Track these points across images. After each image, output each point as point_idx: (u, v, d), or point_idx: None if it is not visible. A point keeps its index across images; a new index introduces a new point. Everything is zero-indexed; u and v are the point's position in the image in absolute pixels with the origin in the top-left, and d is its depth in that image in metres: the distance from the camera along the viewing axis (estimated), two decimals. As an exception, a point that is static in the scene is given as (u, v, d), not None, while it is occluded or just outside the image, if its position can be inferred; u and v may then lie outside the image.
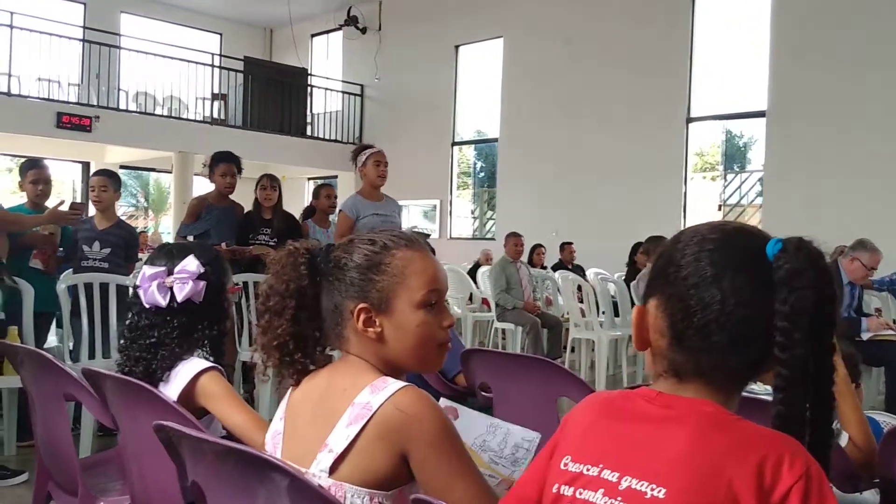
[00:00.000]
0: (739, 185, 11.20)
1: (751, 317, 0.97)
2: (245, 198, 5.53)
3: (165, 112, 12.65)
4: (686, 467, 0.92)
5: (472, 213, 14.12)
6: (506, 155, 12.67)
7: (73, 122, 11.02)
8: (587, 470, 1.01)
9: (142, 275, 1.93)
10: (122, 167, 12.80)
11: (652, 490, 0.93)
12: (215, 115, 13.41)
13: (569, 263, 9.57)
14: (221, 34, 15.55)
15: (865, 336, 4.91)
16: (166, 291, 1.89)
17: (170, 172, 13.15)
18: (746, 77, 10.36)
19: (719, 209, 10.88)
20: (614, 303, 7.34)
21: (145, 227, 19.41)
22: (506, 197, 12.64)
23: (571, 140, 11.44)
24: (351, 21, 14.29)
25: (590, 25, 11.33)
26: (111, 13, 13.84)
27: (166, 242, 3.36)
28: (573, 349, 7.22)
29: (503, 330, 7.47)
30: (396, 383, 1.24)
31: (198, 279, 1.91)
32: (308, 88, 14.71)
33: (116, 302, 4.11)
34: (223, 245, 4.80)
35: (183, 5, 14.58)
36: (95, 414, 1.96)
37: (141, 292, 1.92)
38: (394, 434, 1.20)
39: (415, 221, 13.42)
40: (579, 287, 7.19)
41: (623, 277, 7.81)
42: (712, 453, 0.92)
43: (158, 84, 12.39)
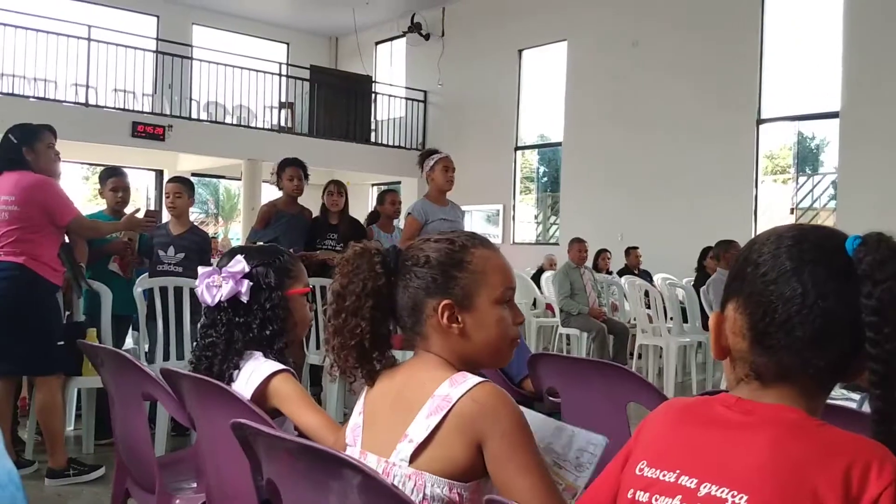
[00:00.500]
0: (812, 189, 10.87)
1: (833, 311, 0.94)
2: (312, 204, 5.63)
3: (235, 121, 12.94)
4: (769, 474, 0.90)
5: (536, 218, 14.04)
6: (569, 159, 12.57)
7: (148, 132, 11.36)
8: (663, 476, 0.99)
9: (199, 275, 1.98)
10: (194, 175, 13.13)
11: (733, 497, 0.91)
12: (283, 123, 13.67)
13: (635, 268, 9.43)
14: (288, 44, 15.84)
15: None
16: (213, 290, 1.93)
17: (239, 180, 13.45)
18: (819, 76, 10.06)
19: (791, 213, 10.57)
20: (682, 309, 7.21)
21: (215, 234, 19.87)
22: (569, 201, 12.53)
23: (637, 143, 11.28)
24: (414, 28, 14.40)
25: (655, 27, 11.16)
26: (183, 25, 14.25)
27: (238, 245, 3.43)
28: (640, 356, 7.11)
29: (568, 335, 7.41)
30: (475, 378, 1.28)
31: (242, 278, 1.93)
32: (372, 95, 14.87)
33: (190, 305, 4.22)
34: (291, 251, 4.87)
35: (251, 16, 14.90)
36: (173, 413, 2.01)
37: (198, 292, 1.97)
38: (470, 425, 1.23)
39: (478, 226, 13.41)
40: (646, 292, 7.08)
41: (692, 283, 7.67)
42: (796, 460, 0.90)
43: (228, 93, 12.70)
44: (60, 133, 3.95)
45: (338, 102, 14.04)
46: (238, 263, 1.95)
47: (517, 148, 13.64)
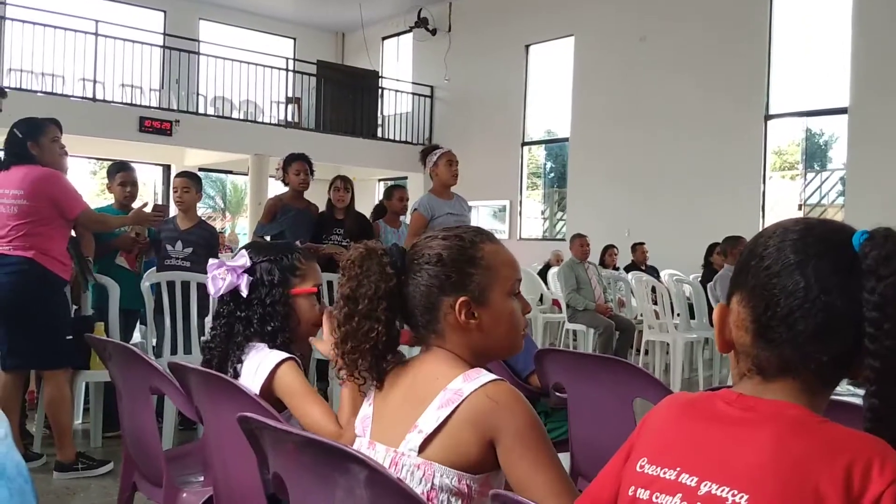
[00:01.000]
0: (820, 185, 10.82)
1: (835, 305, 0.93)
2: (318, 199, 5.63)
3: (241, 116, 12.95)
4: (769, 472, 0.89)
5: (543, 214, 14.03)
6: (576, 155, 12.55)
7: (155, 127, 11.37)
8: (664, 473, 0.98)
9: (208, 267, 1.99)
10: (201, 169, 13.15)
11: (733, 496, 0.90)
12: (289, 119, 13.68)
13: (641, 264, 9.42)
14: (295, 39, 15.85)
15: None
16: (217, 282, 1.94)
17: (246, 175, 13.47)
18: (827, 72, 10.01)
19: (799, 209, 10.53)
20: (689, 305, 7.20)
21: (222, 228, 19.93)
22: (576, 197, 12.51)
23: (644, 139, 11.25)
24: (421, 23, 14.38)
25: (662, 23, 11.12)
26: (190, 20, 14.27)
27: (253, 241, 3.43)
28: (647, 352, 7.10)
29: (574, 331, 7.40)
30: (489, 375, 1.29)
31: (243, 273, 1.93)
32: (379, 90, 14.86)
33: (197, 299, 4.23)
34: (297, 243, 4.88)
35: (258, 11, 14.91)
36: (180, 406, 2.02)
37: (207, 283, 1.99)
38: (483, 421, 1.25)
39: (484, 222, 13.40)
40: (653, 288, 7.07)
41: (699, 279, 7.65)
42: (797, 458, 0.89)
43: (235, 88, 12.71)
44: (68, 128, 3.96)
45: (344, 98, 14.05)
46: (241, 258, 1.96)
47: (524, 143, 13.62)
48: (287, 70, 13.62)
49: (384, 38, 15.91)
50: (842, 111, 9.60)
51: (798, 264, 0.95)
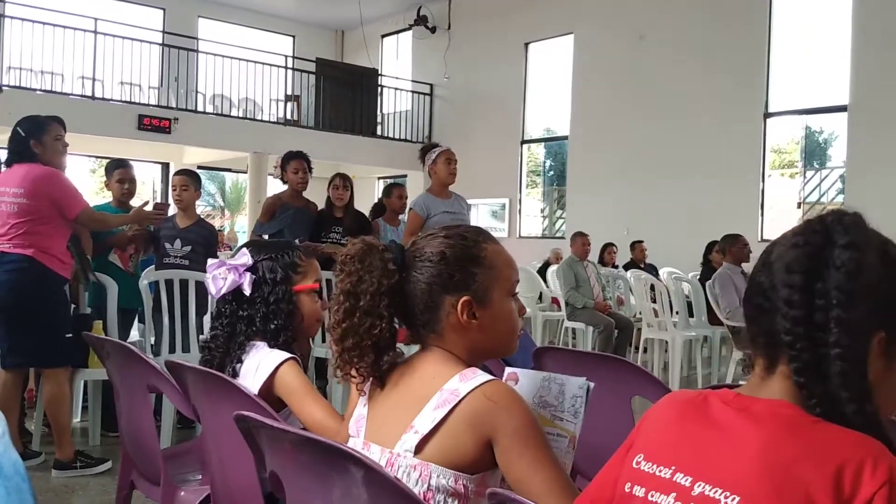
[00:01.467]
0: (819, 183, 10.82)
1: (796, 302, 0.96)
2: (317, 197, 5.63)
3: (241, 114, 12.95)
4: (761, 474, 0.89)
5: (542, 212, 14.03)
6: (576, 153, 12.55)
7: (154, 124, 11.38)
8: (659, 471, 0.99)
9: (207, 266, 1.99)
10: (200, 167, 13.14)
11: (726, 497, 0.90)
12: (288, 116, 13.68)
13: (640, 262, 9.41)
14: (294, 37, 15.83)
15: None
16: (218, 282, 1.93)
17: (245, 172, 13.47)
18: (827, 70, 10.00)
19: (798, 207, 10.54)
20: (688, 303, 7.19)
21: (222, 227, 19.92)
22: (576, 195, 12.51)
23: (643, 137, 11.25)
24: (420, 21, 14.37)
25: (662, 19, 11.12)
26: (189, 18, 14.25)
27: (252, 239, 3.43)
28: (645, 350, 7.10)
29: (573, 329, 7.40)
30: (485, 375, 1.29)
31: (245, 272, 1.93)
32: (378, 88, 14.86)
33: (196, 298, 4.23)
34: (296, 241, 4.88)
35: (257, 9, 14.90)
36: (178, 405, 2.02)
37: (207, 283, 1.98)
38: (481, 421, 1.24)
39: (484, 220, 13.40)
40: (652, 286, 7.07)
41: (698, 277, 7.65)
42: (788, 460, 0.88)
43: (234, 86, 12.69)
44: (67, 126, 3.95)
45: (344, 95, 14.04)
46: (242, 256, 1.95)
47: (523, 141, 13.62)
48: (286, 68, 13.61)
49: (384, 36, 15.89)
50: (841, 109, 9.60)
51: (768, 262, 1.02)
